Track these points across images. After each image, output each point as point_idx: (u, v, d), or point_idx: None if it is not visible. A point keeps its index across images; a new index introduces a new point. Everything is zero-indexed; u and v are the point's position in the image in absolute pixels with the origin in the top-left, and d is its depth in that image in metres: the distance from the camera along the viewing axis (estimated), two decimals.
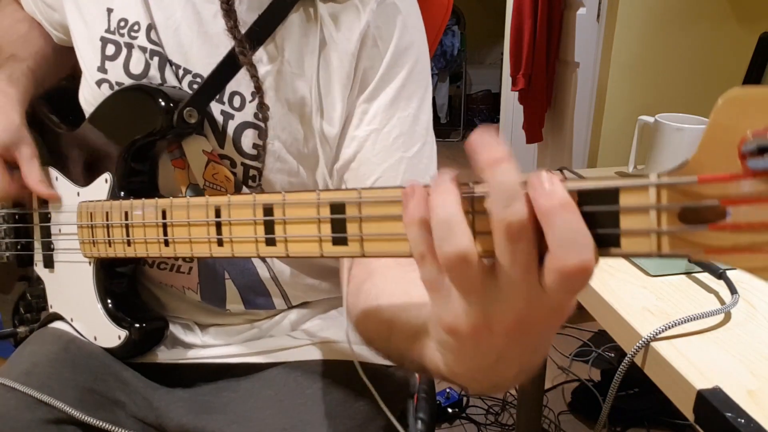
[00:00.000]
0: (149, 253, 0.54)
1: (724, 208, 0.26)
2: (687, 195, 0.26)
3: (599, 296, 0.67)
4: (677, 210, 0.27)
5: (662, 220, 0.27)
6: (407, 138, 0.60)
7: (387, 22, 0.59)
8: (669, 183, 0.27)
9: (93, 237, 0.60)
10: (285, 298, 0.68)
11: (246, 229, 0.44)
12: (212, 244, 0.47)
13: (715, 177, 0.26)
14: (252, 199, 0.43)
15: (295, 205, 0.41)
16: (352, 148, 0.60)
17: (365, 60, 0.59)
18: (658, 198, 0.27)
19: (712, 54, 1.68)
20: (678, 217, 0.27)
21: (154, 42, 0.60)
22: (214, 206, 0.46)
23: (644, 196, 0.27)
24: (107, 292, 0.63)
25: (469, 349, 0.32)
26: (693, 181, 0.26)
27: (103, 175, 0.62)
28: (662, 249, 0.27)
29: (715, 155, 0.26)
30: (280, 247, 0.42)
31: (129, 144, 0.60)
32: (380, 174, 0.59)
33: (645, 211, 0.27)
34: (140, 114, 0.59)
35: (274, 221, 0.42)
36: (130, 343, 0.62)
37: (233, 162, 0.61)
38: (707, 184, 0.26)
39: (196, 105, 0.57)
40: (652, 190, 0.27)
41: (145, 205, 0.53)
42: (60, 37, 0.72)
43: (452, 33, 4.17)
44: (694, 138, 0.92)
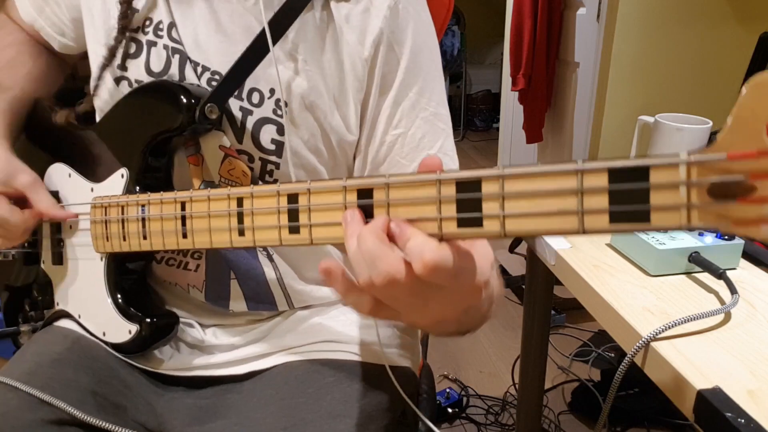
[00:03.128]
0: (166, 245, 0.54)
1: (752, 182, 0.27)
2: (716, 171, 0.28)
3: (599, 296, 0.67)
4: (707, 185, 0.29)
5: (692, 195, 0.29)
6: (431, 136, 0.63)
7: (400, 27, 0.60)
8: (699, 160, 0.29)
9: (107, 231, 0.60)
10: (288, 301, 0.69)
11: (269, 218, 0.45)
12: (233, 233, 0.48)
13: (744, 153, 0.27)
14: (276, 187, 0.44)
15: (321, 193, 0.41)
16: (381, 152, 0.63)
17: (383, 65, 0.60)
18: (688, 174, 0.29)
19: (712, 54, 1.68)
20: (707, 192, 0.29)
21: (175, 40, 0.61)
22: (237, 197, 0.47)
23: (674, 173, 0.29)
24: (117, 288, 0.64)
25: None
26: (722, 158, 0.28)
27: (120, 171, 0.62)
28: (692, 222, 0.29)
29: (742, 135, 0.27)
30: (303, 234, 0.43)
31: (149, 140, 0.60)
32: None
33: (675, 187, 0.29)
34: (161, 110, 0.60)
35: (299, 208, 0.42)
36: (141, 338, 0.63)
37: (251, 157, 0.62)
38: (736, 160, 0.28)
39: (216, 101, 0.58)
40: (683, 167, 0.29)
41: (164, 197, 0.54)
42: (63, 43, 0.72)
43: (452, 33, 4.17)
44: (695, 138, 0.92)
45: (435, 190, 0.36)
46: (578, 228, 0.32)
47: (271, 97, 0.60)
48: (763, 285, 0.67)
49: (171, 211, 0.53)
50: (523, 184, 0.34)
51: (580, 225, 0.32)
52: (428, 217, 0.36)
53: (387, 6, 0.59)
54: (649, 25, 1.65)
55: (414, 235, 0.34)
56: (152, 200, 0.55)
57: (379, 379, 0.63)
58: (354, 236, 0.36)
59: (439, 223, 0.36)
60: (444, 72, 0.69)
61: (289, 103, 0.60)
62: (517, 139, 2.55)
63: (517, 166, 0.34)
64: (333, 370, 0.64)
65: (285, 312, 0.70)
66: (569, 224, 0.33)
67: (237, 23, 0.60)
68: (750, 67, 1.59)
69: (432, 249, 0.33)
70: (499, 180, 0.34)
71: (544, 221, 0.33)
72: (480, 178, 0.35)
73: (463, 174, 0.35)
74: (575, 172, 0.32)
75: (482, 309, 0.42)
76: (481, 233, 0.35)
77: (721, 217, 0.28)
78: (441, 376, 1.71)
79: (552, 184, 0.33)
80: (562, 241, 0.79)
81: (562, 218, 0.33)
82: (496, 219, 0.34)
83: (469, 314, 0.40)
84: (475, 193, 0.35)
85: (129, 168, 0.62)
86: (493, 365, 1.78)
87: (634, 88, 1.71)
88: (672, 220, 0.30)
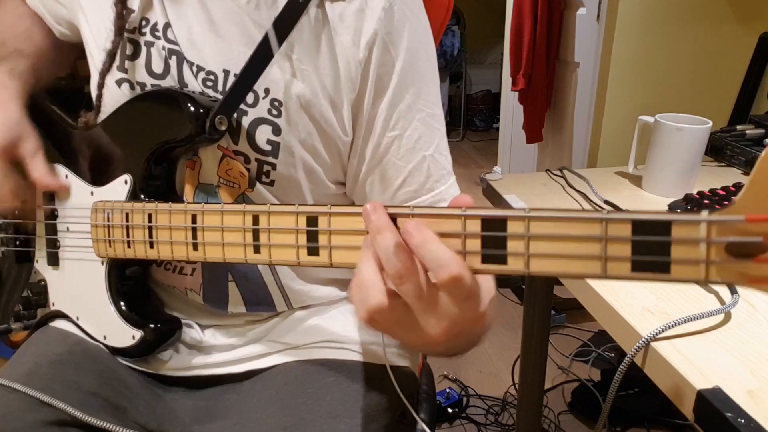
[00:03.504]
0: (175, 255, 0.54)
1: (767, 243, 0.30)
2: (734, 231, 0.31)
3: (599, 296, 0.67)
4: (725, 244, 0.31)
5: (711, 252, 0.31)
6: (427, 137, 0.63)
7: (396, 28, 0.60)
8: (719, 220, 0.31)
9: (110, 237, 0.60)
10: (287, 302, 0.69)
11: (287, 237, 0.45)
12: (248, 249, 0.48)
13: (761, 217, 0.30)
14: (295, 207, 0.44)
15: (342, 215, 0.42)
16: (378, 154, 0.62)
17: (378, 67, 0.60)
18: (708, 232, 0.31)
19: (712, 54, 1.68)
20: (725, 250, 0.31)
21: (171, 41, 0.61)
22: (252, 212, 0.47)
23: (695, 230, 0.32)
24: (120, 293, 0.63)
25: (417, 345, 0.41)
26: (741, 220, 0.30)
27: (123, 176, 0.62)
28: (710, 276, 0.32)
29: (760, 198, 0.30)
30: (323, 256, 0.43)
31: (155, 148, 0.60)
32: (407, 175, 0.63)
33: (695, 243, 0.32)
34: (169, 119, 0.59)
35: (318, 231, 0.43)
36: (145, 343, 0.63)
37: (247, 158, 0.62)
38: (754, 223, 0.30)
39: (225, 112, 0.58)
40: (703, 226, 0.31)
41: (173, 207, 0.54)
42: (62, 32, 0.72)
43: (452, 33, 4.17)
44: (694, 138, 0.92)
45: (460, 224, 0.37)
46: (600, 273, 0.34)
47: (265, 97, 0.60)
48: None
49: (180, 221, 0.53)
50: (548, 227, 0.35)
51: (602, 270, 0.34)
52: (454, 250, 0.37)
53: (381, 7, 0.59)
54: (649, 25, 1.65)
55: (437, 241, 0.36)
56: (160, 209, 0.55)
57: (379, 379, 0.63)
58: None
59: (463, 257, 0.37)
60: (444, 72, 0.69)
61: (284, 103, 0.60)
62: (517, 139, 2.55)
63: (542, 209, 0.36)
64: (333, 370, 0.64)
65: (284, 312, 0.70)
66: (592, 269, 0.34)
67: (231, 22, 0.60)
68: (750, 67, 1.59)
69: (459, 262, 0.35)
70: (525, 221, 0.36)
71: (567, 264, 0.35)
72: (506, 217, 0.36)
73: (488, 212, 0.37)
74: (600, 221, 0.34)
75: (473, 338, 0.43)
76: (505, 270, 0.37)
77: (737, 274, 0.31)
78: (441, 376, 1.71)
79: (577, 230, 0.34)
80: None
81: (585, 262, 0.35)
82: (520, 258, 0.36)
83: (459, 340, 0.41)
84: (500, 232, 0.36)
85: (132, 174, 0.61)
86: (493, 365, 1.78)
87: (634, 88, 1.71)
88: (691, 273, 0.32)
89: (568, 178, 1.03)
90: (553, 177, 1.05)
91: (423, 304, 0.37)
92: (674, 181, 0.94)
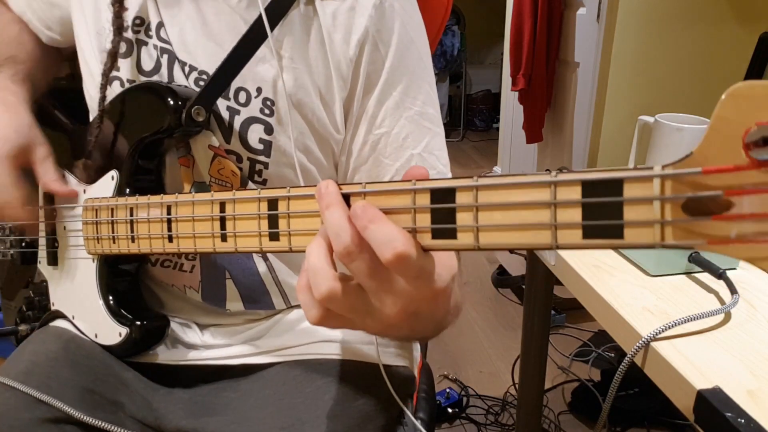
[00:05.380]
0: (153, 249, 0.54)
1: (728, 198, 0.26)
2: (691, 186, 0.27)
3: (599, 296, 0.67)
4: (681, 201, 0.27)
5: (666, 211, 0.28)
6: (416, 135, 0.62)
7: (386, 25, 0.60)
8: (674, 174, 0.27)
9: (97, 233, 0.60)
10: (284, 298, 0.68)
11: (250, 224, 0.44)
12: (216, 239, 0.47)
13: (720, 168, 0.26)
14: (257, 193, 0.43)
15: (300, 199, 0.40)
16: (365, 151, 0.62)
17: (368, 65, 0.59)
18: (662, 189, 0.28)
19: (712, 54, 1.68)
20: (682, 208, 0.27)
21: (163, 40, 0.61)
22: (219, 201, 0.46)
23: (648, 188, 0.28)
24: (109, 289, 0.63)
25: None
26: (697, 172, 0.27)
27: (110, 173, 0.62)
28: (665, 239, 0.28)
29: (719, 148, 0.26)
30: (283, 241, 0.42)
31: (137, 142, 0.60)
32: (393, 173, 0.62)
33: (649, 202, 0.28)
34: (149, 112, 0.59)
35: (278, 215, 0.42)
36: (131, 341, 0.62)
37: (239, 157, 0.61)
38: (711, 175, 0.26)
39: (203, 103, 0.58)
40: (657, 181, 0.28)
41: (151, 200, 0.53)
42: (50, 37, 0.72)
43: (452, 33, 4.17)
44: (694, 138, 0.92)
45: (410, 199, 0.35)
46: (551, 243, 0.31)
47: (258, 96, 0.60)
48: (763, 285, 0.67)
49: (157, 213, 0.53)
50: (497, 195, 0.33)
51: (553, 239, 0.31)
52: (404, 227, 0.35)
53: (372, 5, 0.58)
54: (649, 25, 1.65)
55: (383, 220, 0.34)
56: (140, 203, 0.55)
57: (376, 379, 0.63)
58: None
59: (413, 234, 0.35)
60: (444, 72, 0.69)
61: (276, 102, 0.60)
62: (517, 139, 2.55)
63: (492, 176, 0.33)
64: (330, 370, 0.64)
65: (282, 311, 0.70)
66: (542, 238, 0.31)
67: (223, 23, 0.60)
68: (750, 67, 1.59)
69: (404, 239, 0.33)
70: (473, 190, 0.33)
71: (517, 235, 0.32)
72: (455, 187, 0.34)
73: (437, 183, 0.34)
74: (549, 184, 0.31)
75: (436, 316, 0.41)
76: (455, 245, 0.34)
77: (696, 235, 0.27)
78: (441, 376, 1.71)
79: (526, 196, 0.32)
80: None
81: (535, 232, 0.32)
82: (470, 231, 0.33)
83: (420, 320, 0.39)
84: (450, 204, 0.34)
85: (119, 170, 0.61)
86: (493, 365, 1.78)
87: (634, 88, 1.71)
88: (645, 237, 0.28)
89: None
90: None
91: (375, 283, 0.35)
92: None
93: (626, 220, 0.29)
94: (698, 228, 0.27)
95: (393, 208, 0.36)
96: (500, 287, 2.23)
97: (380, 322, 0.37)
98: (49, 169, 0.64)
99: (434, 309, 0.38)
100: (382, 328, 0.38)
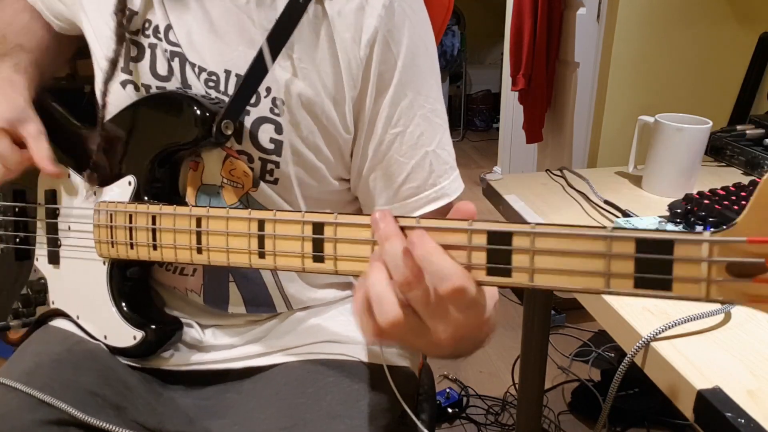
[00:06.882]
0: (179, 258, 0.55)
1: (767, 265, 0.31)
2: (736, 252, 0.32)
3: (599, 296, 0.67)
4: (726, 263, 0.32)
5: (712, 271, 0.32)
6: (429, 133, 0.63)
7: (397, 25, 0.60)
8: (721, 240, 0.32)
9: (113, 238, 0.60)
10: (287, 303, 0.69)
11: (292, 244, 0.46)
12: (252, 255, 0.48)
13: (763, 239, 0.31)
14: (301, 216, 0.45)
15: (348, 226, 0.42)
16: (380, 151, 0.63)
17: (380, 64, 0.60)
18: (710, 252, 0.32)
19: (712, 54, 1.68)
20: (726, 270, 0.32)
21: (172, 42, 0.61)
22: (257, 219, 0.47)
23: (697, 250, 0.33)
24: (121, 293, 0.63)
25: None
26: (742, 241, 0.31)
27: (127, 177, 0.62)
28: (710, 295, 0.33)
29: (761, 220, 0.31)
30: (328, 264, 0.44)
31: (159, 150, 0.60)
32: (409, 171, 0.63)
33: (697, 263, 0.33)
34: (175, 123, 0.59)
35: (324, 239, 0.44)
36: (145, 344, 0.63)
37: (251, 157, 0.62)
38: (755, 244, 0.31)
39: (231, 117, 0.58)
40: (705, 246, 0.32)
41: (177, 210, 0.54)
42: (61, 27, 0.72)
43: (452, 33, 4.16)
44: (694, 138, 0.92)
45: (466, 238, 0.38)
46: (603, 288, 0.35)
47: (267, 96, 0.60)
48: None
49: (185, 224, 0.53)
50: (553, 242, 0.36)
51: (605, 286, 0.35)
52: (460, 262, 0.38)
53: (382, 4, 0.59)
54: (649, 25, 1.65)
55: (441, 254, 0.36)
56: (164, 212, 0.55)
57: (378, 379, 0.63)
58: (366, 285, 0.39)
59: (468, 269, 0.38)
60: (444, 72, 0.69)
61: (286, 101, 0.60)
62: (517, 139, 2.55)
63: (547, 225, 0.36)
64: (332, 371, 0.64)
65: (283, 313, 0.70)
66: (595, 284, 0.35)
67: (230, 22, 0.60)
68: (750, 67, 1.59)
69: (461, 274, 0.36)
70: (530, 236, 0.36)
71: (571, 279, 0.36)
72: (511, 232, 0.37)
73: (494, 226, 0.37)
74: (605, 238, 0.34)
75: (479, 339, 0.44)
76: (509, 283, 0.37)
77: (737, 293, 0.32)
78: (441, 376, 1.71)
79: (581, 246, 0.35)
80: None
81: (589, 278, 0.35)
82: (525, 272, 0.37)
83: (465, 343, 0.42)
84: (506, 246, 0.37)
85: (137, 176, 0.62)
86: (493, 365, 1.78)
87: (634, 88, 1.70)
88: (692, 291, 0.33)
89: (568, 178, 1.03)
90: (553, 177, 1.05)
91: (430, 311, 0.37)
92: (674, 181, 0.94)
93: (675, 275, 0.33)
94: (740, 287, 0.32)
95: (448, 244, 0.38)
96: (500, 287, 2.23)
97: (430, 344, 0.39)
98: (41, 147, 0.63)
99: (479, 333, 0.42)
100: (430, 348, 0.41)
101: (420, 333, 0.39)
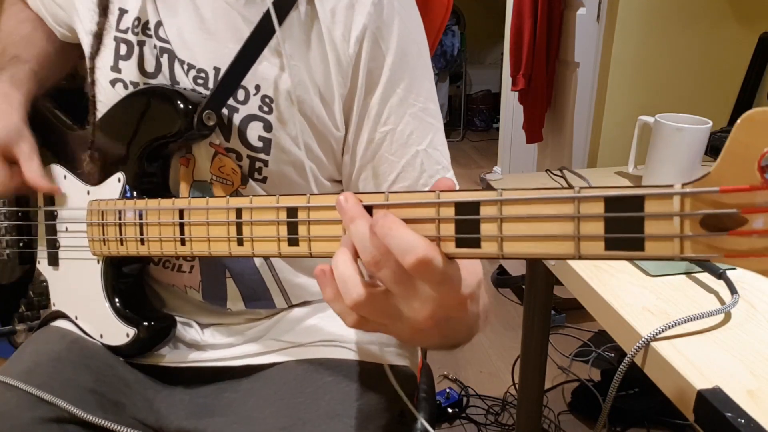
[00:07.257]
0: (164, 251, 0.55)
1: (744, 216, 0.29)
2: (709, 203, 0.30)
3: (599, 296, 0.67)
4: (700, 217, 0.30)
5: (685, 226, 0.30)
6: (420, 132, 0.62)
7: (386, 22, 0.60)
8: (693, 192, 0.30)
9: (104, 235, 0.60)
10: (285, 297, 0.68)
11: (268, 229, 0.46)
12: (231, 243, 0.49)
13: (736, 188, 0.29)
14: (275, 201, 0.44)
15: (320, 209, 0.42)
16: (370, 150, 0.62)
17: (368, 62, 0.59)
18: (682, 206, 0.30)
19: (712, 54, 1.68)
20: (700, 224, 0.30)
21: (162, 39, 0.61)
22: (235, 208, 0.48)
23: (668, 204, 0.31)
24: (115, 290, 0.64)
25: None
26: (715, 191, 0.29)
27: (116, 175, 0.62)
28: (685, 252, 0.31)
29: (735, 168, 0.29)
30: (303, 247, 0.43)
31: (145, 145, 0.60)
32: (400, 170, 0.62)
33: (669, 218, 0.31)
34: (158, 116, 0.60)
35: (298, 222, 0.43)
36: (138, 341, 0.63)
37: (239, 155, 0.62)
38: (728, 194, 0.29)
39: (213, 107, 0.58)
40: (677, 199, 0.30)
41: (162, 203, 0.54)
42: (64, 34, 0.72)
43: (452, 33, 4.17)
44: (694, 138, 0.92)
45: (434, 211, 0.37)
46: (574, 253, 0.33)
47: (256, 93, 0.60)
48: (763, 285, 0.67)
49: (169, 217, 0.53)
50: (521, 208, 0.35)
51: (576, 250, 0.33)
52: (427, 236, 0.36)
53: (371, 2, 0.58)
54: (649, 25, 1.65)
55: (403, 228, 0.35)
56: (150, 206, 0.55)
57: (377, 378, 0.63)
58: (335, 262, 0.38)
59: (437, 243, 0.37)
60: (444, 72, 0.69)
61: (275, 99, 0.60)
62: (517, 139, 2.55)
63: (515, 190, 0.35)
64: (331, 370, 0.64)
65: (283, 311, 0.70)
66: (565, 249, 0.34)
67: (221, 20, 0.60)
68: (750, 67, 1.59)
69: (425, 245, 0.34)
70: (498, 204, 0.35)
71: (541, 245, 0.34)
72: (479, 201, 0.35)
73: (462, 197, 0.36)
74: (572, 199, 0.33)
75: (467, 322, 0.42)
76: (479, 254, 0.36)
77: (713, 248, 0.30)
78: (441, 376, 1.71)
79: (549, 210, 0.34)
80: None
81: (558, 243, 0.34)
82: (494, 240, 0.35)
83: (451, 326, 0.40)
84: (474, 215, 0.36)
85: (125, 172, 0.62)
86: (493, 365, 1.78)
87: (634, 88, 1.70)
88: (666, 250, 0.31)
89: (568, 178, 1.03)
90: (553, 177, 1.05)
91: (402, 288, 0.36)
92: (674, 180, 0.94)
93: (647, 233, 0.31)
94: (715, 242, 0.30)
95: (417, 218, 0.37)
96: (500, 287, 2.23)
97: (411, 327, 0.38)
98: (33, 166, 0.64)
99: (464, 314, 0.39)
100: (413, 333, 0.40)
101: (396, 315, 0.38)
